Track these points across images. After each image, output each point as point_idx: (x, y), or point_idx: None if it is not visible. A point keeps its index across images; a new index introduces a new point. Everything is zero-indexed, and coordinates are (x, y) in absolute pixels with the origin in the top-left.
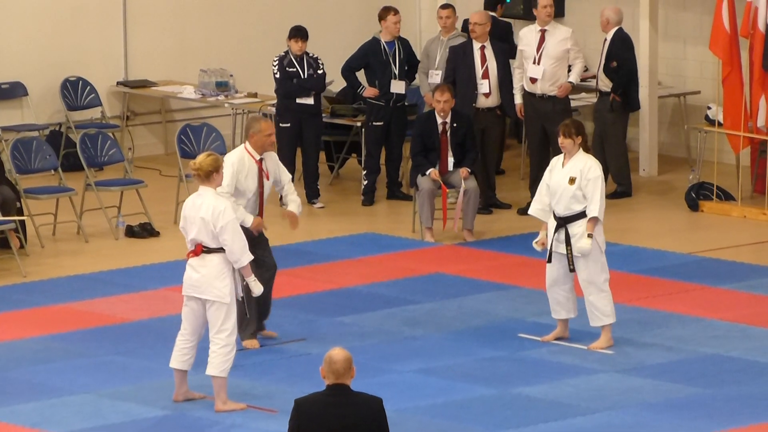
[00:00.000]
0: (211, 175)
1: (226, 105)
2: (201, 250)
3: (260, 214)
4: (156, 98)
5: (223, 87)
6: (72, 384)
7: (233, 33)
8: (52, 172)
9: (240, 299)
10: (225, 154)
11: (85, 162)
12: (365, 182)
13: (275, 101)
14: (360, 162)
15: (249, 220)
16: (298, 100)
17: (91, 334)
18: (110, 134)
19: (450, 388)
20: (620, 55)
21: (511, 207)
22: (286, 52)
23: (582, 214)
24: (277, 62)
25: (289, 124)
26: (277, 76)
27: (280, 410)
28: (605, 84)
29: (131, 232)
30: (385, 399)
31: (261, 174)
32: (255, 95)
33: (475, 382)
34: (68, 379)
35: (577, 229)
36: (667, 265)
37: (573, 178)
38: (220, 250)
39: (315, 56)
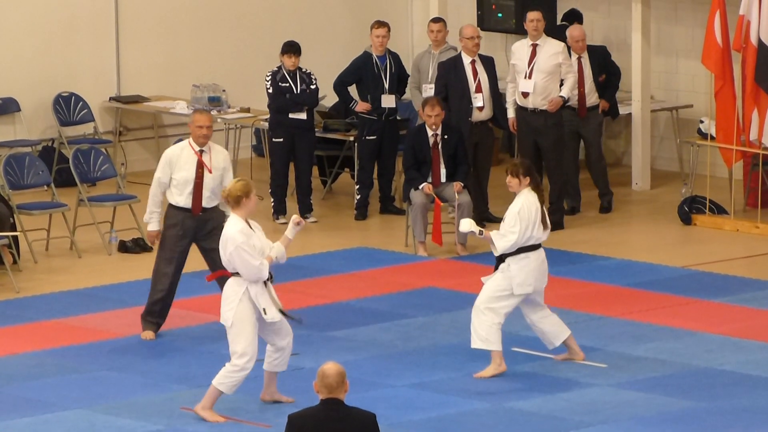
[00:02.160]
0: (240, 200)
1: (218, 120)
2: (213, 276)
3: (196, 207)
4: (148, 114)
5: (215, 102)
6: (65, 399)
7: (225, 48)
8: (45, 187)
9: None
10: None
11: (77, 177)
12: (358, 196)
13: (268, 116)
14: (353, 176)
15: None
16: (290, 115)
17: (85, 349)
18: (103, 150)
19: (443, 402)
20: (607, 65)
21: (505, 220)
22: (279, 67)
23: (515, 252)
24: (270, 77)
25: (281, 139)
26: (270, 91)
27: (273, 425)
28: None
29: (124, 247)
30: (378, 413)
31: (198, 165)
32: (248, 110)
33: (468, 396)
34: (62, 394)
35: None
36: (660, 279)
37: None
38: (235, 273)
39: (308, 71)
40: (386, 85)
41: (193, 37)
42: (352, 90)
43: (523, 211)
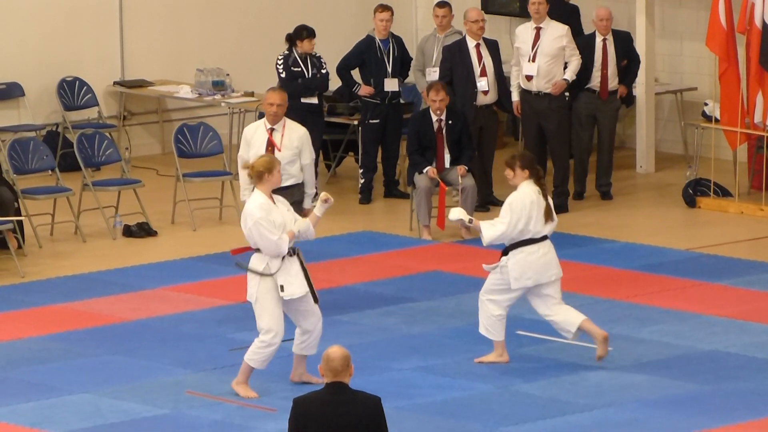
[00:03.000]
0: (262, 176)
1: (222, 104)
2: (237, 251)
3: None
4: (153, 98)
5: (219, 86)
6: (71, 384)
7: (229, 32)
8: (50, 172)
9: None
10: (222, 153)
11: (82, 162)
12: (362, 180)
13: None
14: (357, 160)
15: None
16: (303, 100)
17: (90, 333)
18: (107, 134)
19: (448, 385)
20: (629, 52)
21: None
22: (290, 51)
23: (510, 247)
24: (281, 62)
25: None
26: (283, 75)
27: (278, 409)
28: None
29: (129, 231)
30: (383, 397)
31: (268, 144)
32: (252, 94)
33: (473, 379)
34: (67, 378)
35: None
36: (665, 262)
37: None
38: (257, 250)
39: (318, 55)
40: (389, 69)
41: (197, 21)
42: (356, 74)
43: (515, 203)
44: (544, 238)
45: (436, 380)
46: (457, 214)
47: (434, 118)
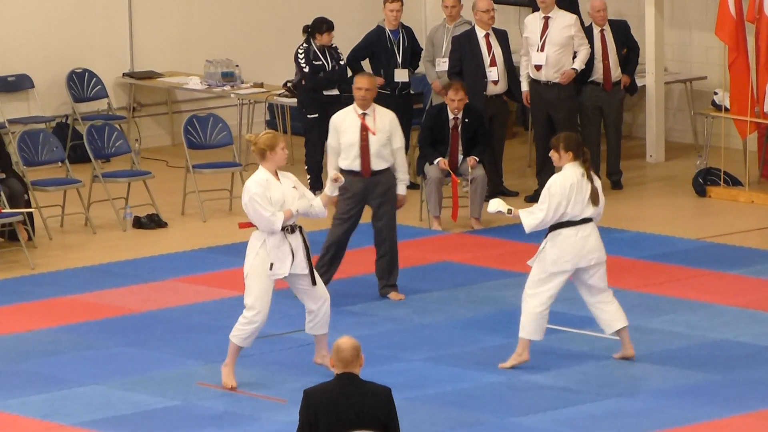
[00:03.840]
0: (264, 153)
1: (232, 95)
2: (244, 225)
3: (364, 170)
4: (162, 89)
5: (229, 77)
6: (81, 375)
7: (239, 23)
8: (59, 164)
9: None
10: (232, 144)
11: (92, 154)
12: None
13: (281, 91)
14: None
15: (279, 217)
16: (324, 92)
17: (100, 325)
18: (117, 126)
19: (459, 376)
20: (628, 40)
21: (519, 194)
22: (308, 44)
23: (548, 230)
24: (303, 55)
25: (317, 115)
26: (306, 69)
27: (288, 400)
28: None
29: (139, 223)
30: (394, 387)
31: (362, 128)
32: (261, 85)
33: (484, 369)
34: (78, 370)
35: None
36: (675, 251)
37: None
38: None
39: (335, 46)
40: (399, 60)
41: (206, 12)
42: (365, 65)
43: (554, 186)
44: (586, 220)
45: (446, 371)
46: (495, 205)
47: (451, 116)
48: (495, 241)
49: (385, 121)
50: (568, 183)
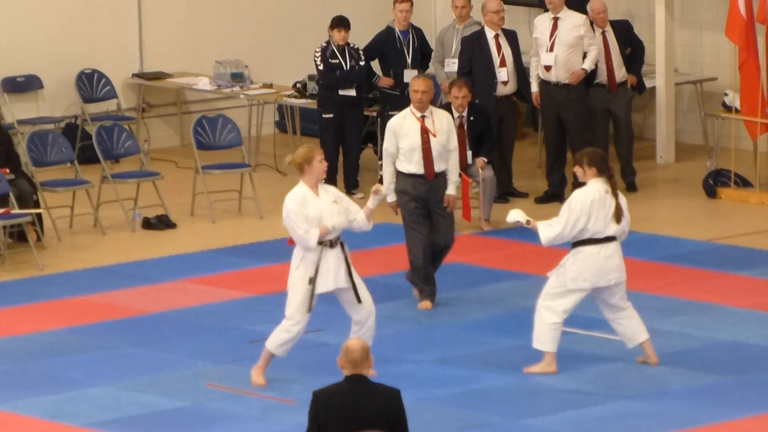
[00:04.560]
0: (302, 167)
1: (241, 96)
2: (291, 242)
3: (428, 172)
4: (171, 90)
5: (238, 78)
6: (90, 376)
7: (248, 24)
8: (68, 164)
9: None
10: (241, 145)
11: (101, 154)
12: (382, 172)
13: (290, 92)
14: (376, 152)
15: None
16: (340, 92)
17: (109, 326)
18: (126, 126)
19: (468, 377)
20: (631, 39)
21: (528, 195)
22: (328, 43)
23: (572, 246)
24: (319, 53)
25: (331, 115)
26: (320, 67)
27: (297, 401)
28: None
29: (148, 224)
30: (403, 389)
31: (423, 131)
32: (270, 86)
33: (493, 371)
34: (86, 371)
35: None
36: (685, 253)
37: None
38: None
39: (356, 47)
40: (409, 60)
41: (215, 12)
42: (375, 65)
43: (575, 201)
44: (609, 239)
45: (455, 372)
46: (514, 216)
47: (455, 114)
48: (504, 242)
49: (443, 122)
50: (590, 199)
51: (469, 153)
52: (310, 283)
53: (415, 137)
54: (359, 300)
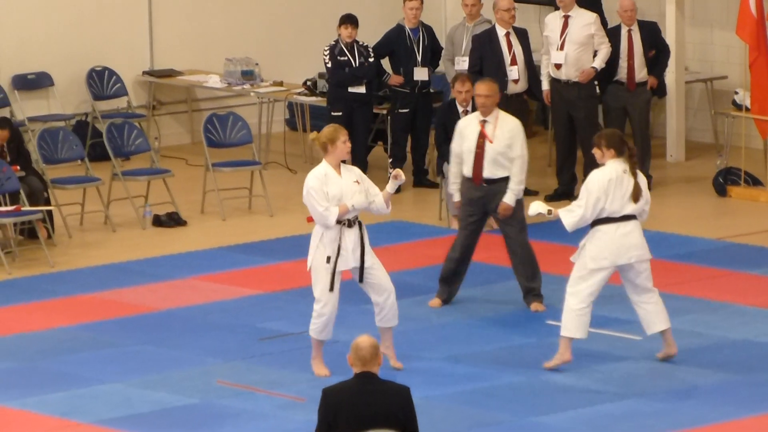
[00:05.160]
0: (326, 146)
1: (252, 94)
2: (310, 219)
3: (476, 177)
4: (182, 87)
5: (248, 76)
6: (101, 373)
7: (258, 22)
8: (79, 162)
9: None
10: (251, 143)
11: (111, 152)
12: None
13: (300, 89)
14: (386, 150)
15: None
16: (350, 89)
17: (119, 323)
18: (136, 124)
19: (478, 375)
20: (657, 42)
21: (539, 194)
22: (337, 41)
23: (591, 224)
24: (328, 51)
25: (340, 113)
26: (329, 65)
27: (307, 398)
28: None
29: (158, 221)
30: (412, 386)
31: (480, 135)
32: (281, 84)
33: (503, 369)
34: (97, 368)
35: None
36: (695, 251)
37: None
38: None
39: (365, 44)
40: (419, 58)
41: (225, 10)
42: (385, 63)
43: (591, 182)
44: (627, 217)
45: (465, 370)
46: (536, 208)
47: (460, 109)
48: None
49: (505, 129)
50: (606, 178)
51: None
52: (327, 262)
53: (472, 141)
54: (361, 280)
